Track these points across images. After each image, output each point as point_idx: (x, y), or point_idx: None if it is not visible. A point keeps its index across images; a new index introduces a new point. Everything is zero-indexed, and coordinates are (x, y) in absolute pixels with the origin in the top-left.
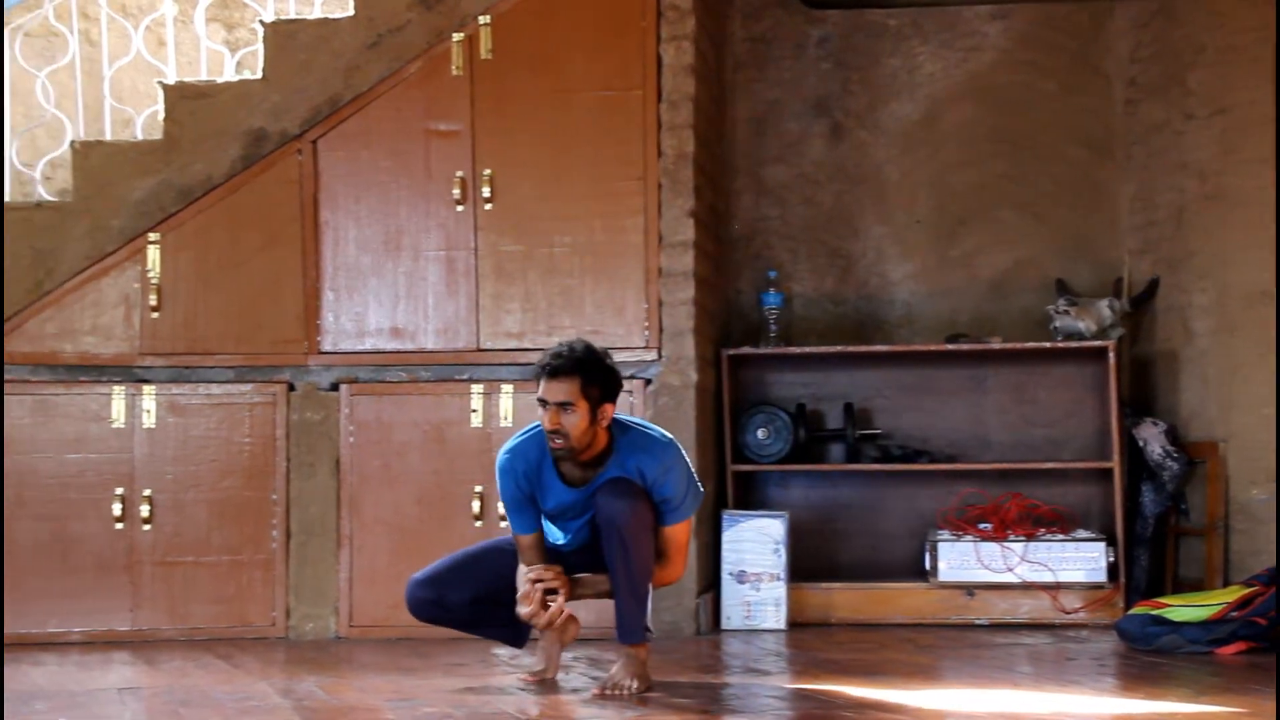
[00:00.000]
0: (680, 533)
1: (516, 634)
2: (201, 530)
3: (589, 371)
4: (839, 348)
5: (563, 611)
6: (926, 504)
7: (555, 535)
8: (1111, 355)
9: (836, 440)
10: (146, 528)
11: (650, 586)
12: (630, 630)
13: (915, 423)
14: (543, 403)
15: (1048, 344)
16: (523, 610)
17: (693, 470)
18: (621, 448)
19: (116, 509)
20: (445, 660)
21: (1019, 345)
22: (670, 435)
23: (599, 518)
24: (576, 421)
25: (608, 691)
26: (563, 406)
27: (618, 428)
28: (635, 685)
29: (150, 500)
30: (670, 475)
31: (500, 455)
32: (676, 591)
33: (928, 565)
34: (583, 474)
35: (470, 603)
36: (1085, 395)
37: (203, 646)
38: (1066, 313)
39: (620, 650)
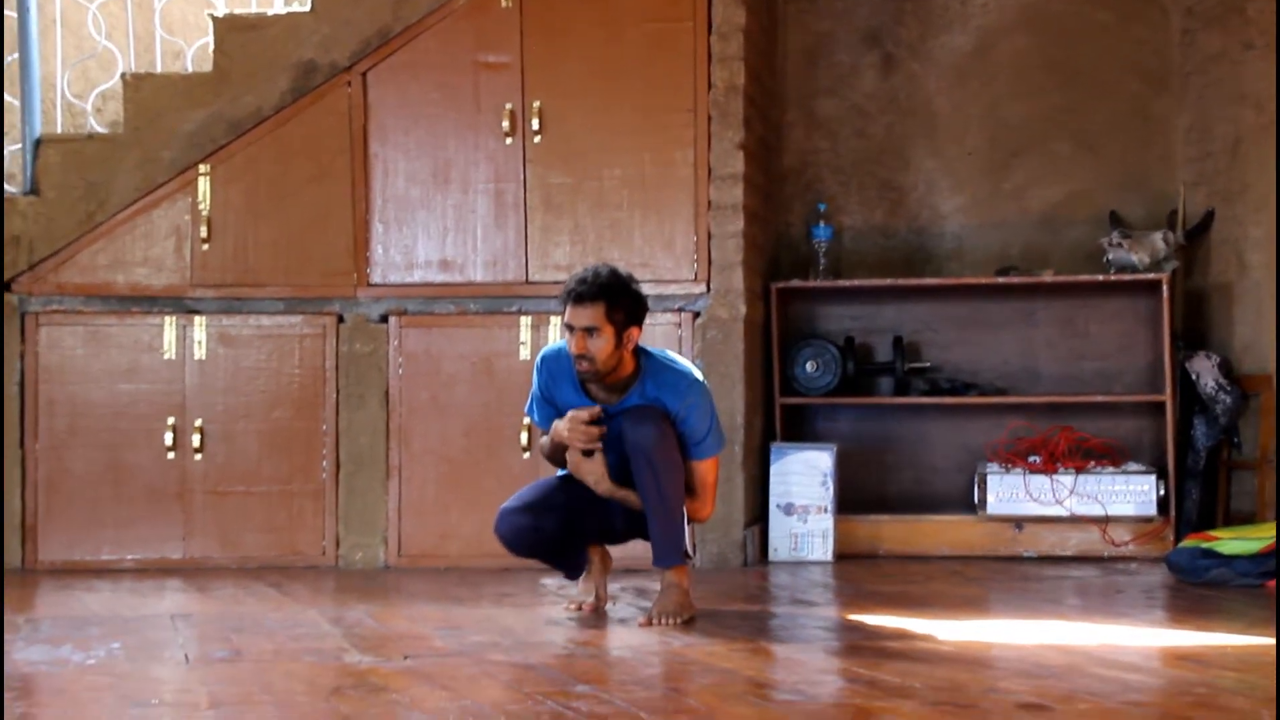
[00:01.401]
0: (707, 470)
1: (577, 565)
2: (252, 460)
3: (614, 296)
4: (888, 281)
5: (599, 445)
6: (975, 437)
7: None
8: (1165, 288)
9: (885, 373)
10: (198, 457)
11: (684, 511)
12: (666, 553)
13: (964, 356)
14: (569, 328)
15: (1100, 277)
16: (565, 432)
17: (717, 413)
18: (647, 376)
19: (168, 439)
20: (493, 590)
21: (1071, 278)
22: (698, 374)
23: (626, 445)
24: (602, 345)
25: (655, 622)
26: (588, 331)
27: (645, 356)
28: (683, 615)
29: (201, 430)
30: (692, 412)
31: (539, 357)
32: (724, 523)
33: (976, 498)
34: (606, 396)
35: (561, 528)
36: (1137, 328)
37: (253, 575)
38: (1120, 245)
39: (661, 577)
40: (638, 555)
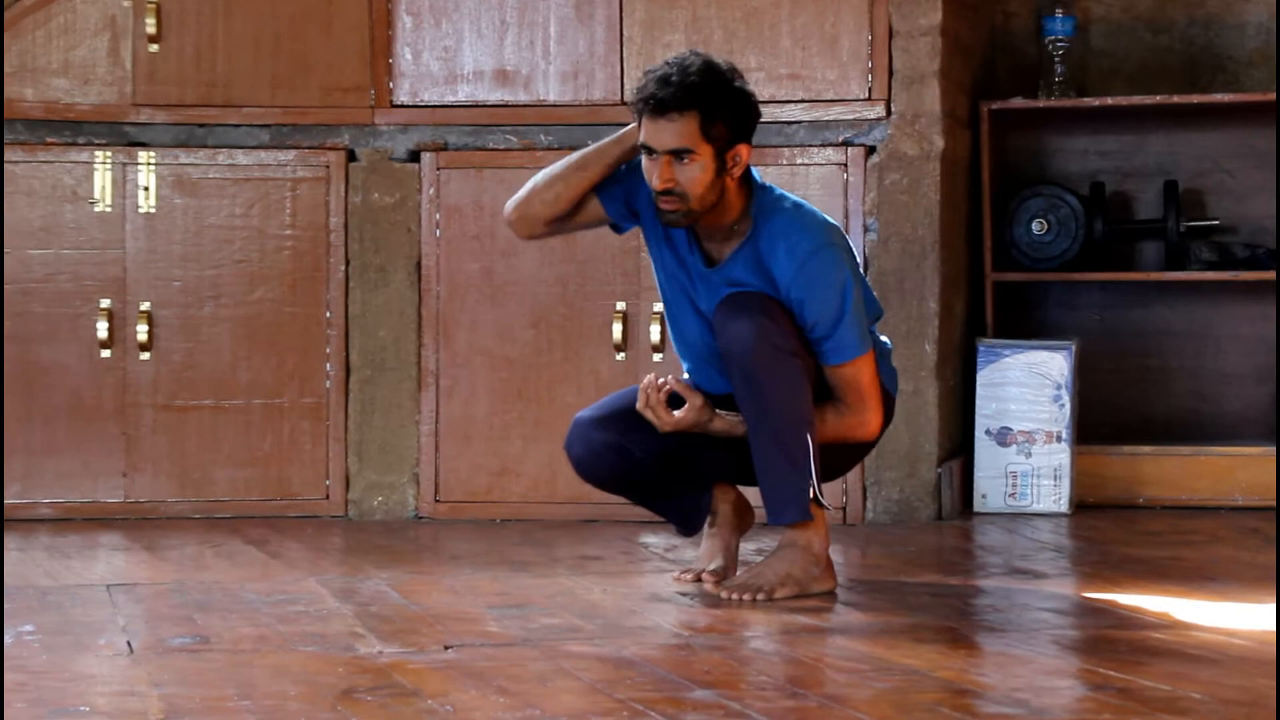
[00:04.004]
0: (856, 375)
1: (692, 515)
2: (224, 362)
3: (712, 100)
4: (1158, 98)
5: (690, 420)
6: None
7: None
8: None
9: (1152, 235)
10: (145, 357)
11: (809, 439)
12: (780, 503)
13: (1271, 210)
14: (647, 150)
15: None
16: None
17: (859, 290)
18: (760, 224)
19: (102, 330)
20: (571, 551)
21: None
22: (830, 232)
23: (719, 344)
24: (696, 175)
25: (723, 594)
26: (677, 155)
27: (761, 191)
28: (776, 590)
29: (149, 318)
30: (814, 291)
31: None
32: (908, 457)
33: None
34: (707, 245)
35: (657, 457)
36: None
37: (227, 527)
38: None
39: (782, 536)
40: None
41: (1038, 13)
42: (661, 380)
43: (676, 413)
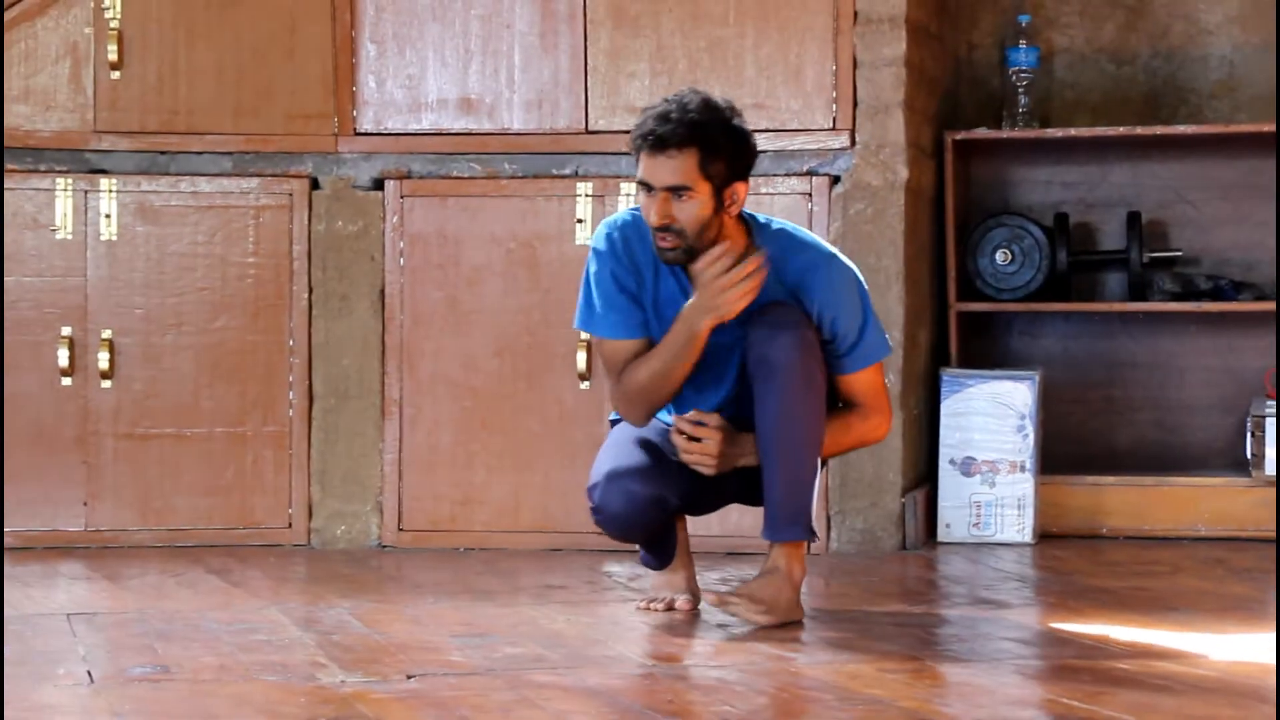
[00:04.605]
0: (871, 381)
1: (670, 548)
2: (186, 390)
3: (711, 138)
4: (1121, 130)
5: (726, 448)
6: (1249, 362)
7: (700, 384)
8: None
9: (1115, 266)
10: (106, 385)
11: (819, 464)
12: (785, 520)
13: (1234, 241)
14: (645, 187)
15: None
16: (685, 456)
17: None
18: (768, 246)
19: (63, 358)
20: (535, 580)
21: None
22: (831, 247)
23: (749, 356)
24: (695, 212)
25: (720, 606)
26: (675, 192)
27: (756, 226)
28: (764, 618)
29: (111, 346)
30: (842, 303)
31: (600, 231)
32: (871, 488)
33: (1249, 452)
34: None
35: (684, 499)
36: None
37: (188, 556)
38: None
39: (767, 556)
40: (746, 530)
41: (1001, 44)
42: (684, 420)
43: (708, 442)
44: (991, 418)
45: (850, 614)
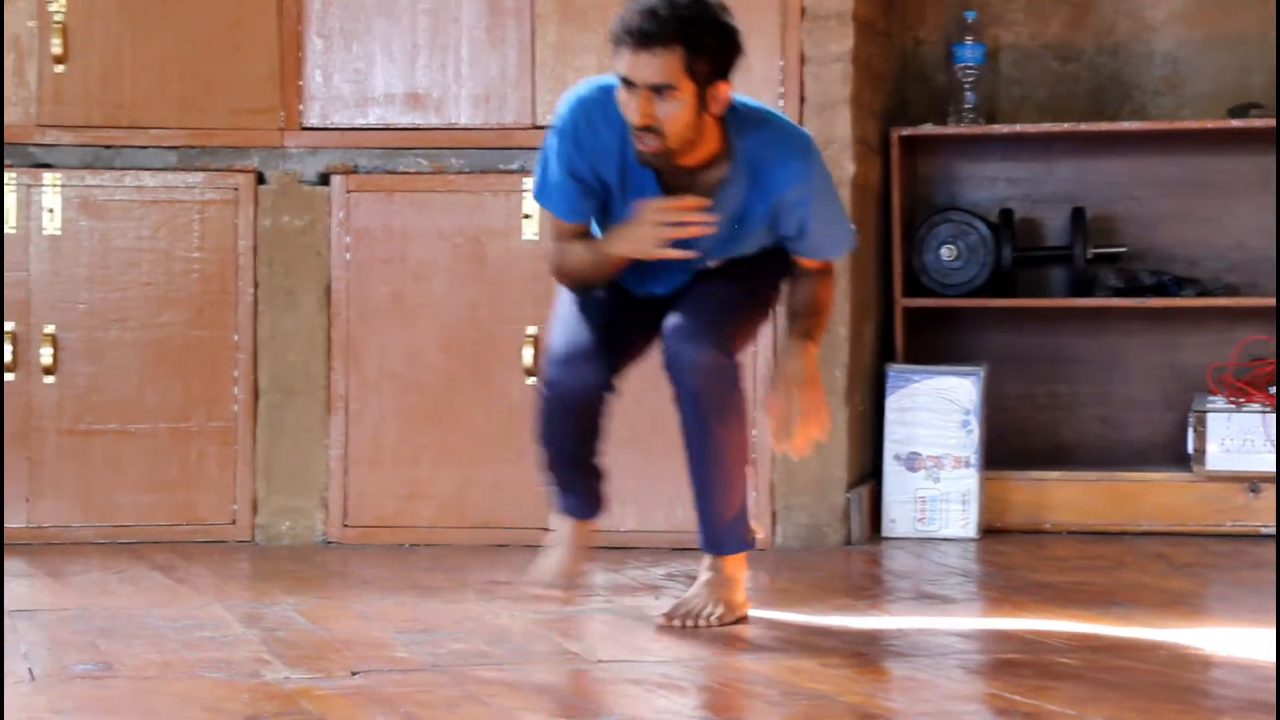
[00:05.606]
0: (830, 282)
1: (593, 503)
2: (130, 386)
3: (698, 35)
4: (1066, 126)
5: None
6: (1191, 358)
7: (645, 283)
8: None
9: (1059, 262)
10: (49, 380)
11: (748, 474)
12: (723, 537)
13: (1178, 237)
14: (627, 83)
15: None
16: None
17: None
18: (742, 148)
19: (6, 353)
20: (480, 576)
21: None
22: (806, 134)
23: (665, 361)
24: (676, 112)
25: (676, 621)
26: (657, 90)
27: (732, 114)
28: (718, 613)
29: (54, 341)
30: (820, 198)
31: (564, 108)
32: (816, 483)
33: (1191, 447)
34: (682, 184)
35: (616, 374)
36: None
37: (132, 552)
38: None
39: (706, 564)
40: (693, 526)
41: (948, 40)
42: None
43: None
44: (936, 413)
45: (794, 609)
